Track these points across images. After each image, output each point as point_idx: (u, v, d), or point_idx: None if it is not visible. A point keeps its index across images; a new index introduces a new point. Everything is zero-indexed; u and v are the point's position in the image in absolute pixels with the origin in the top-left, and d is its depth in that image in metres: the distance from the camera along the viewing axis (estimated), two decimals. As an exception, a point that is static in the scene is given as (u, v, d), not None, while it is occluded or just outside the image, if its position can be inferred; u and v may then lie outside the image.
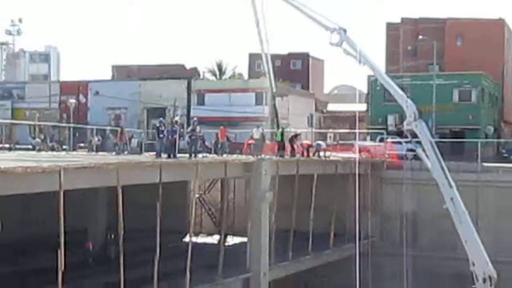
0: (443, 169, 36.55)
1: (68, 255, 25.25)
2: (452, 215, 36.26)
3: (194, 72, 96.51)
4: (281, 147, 44.09)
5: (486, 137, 62.82)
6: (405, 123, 38.47)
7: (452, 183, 36.42)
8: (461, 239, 36.25)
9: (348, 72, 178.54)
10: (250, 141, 48.22)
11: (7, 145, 53.98)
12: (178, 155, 36.29)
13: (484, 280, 35.33)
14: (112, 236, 31.93)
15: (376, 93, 62.78)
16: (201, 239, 42.56)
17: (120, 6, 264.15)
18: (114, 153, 43.79)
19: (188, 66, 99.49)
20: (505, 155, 57.69)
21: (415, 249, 44.59)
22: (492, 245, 38.73)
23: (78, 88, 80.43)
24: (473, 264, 35.73)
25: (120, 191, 27.68)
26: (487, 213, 45.01)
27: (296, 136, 47.50)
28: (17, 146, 54.00)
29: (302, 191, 41.45)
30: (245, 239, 38.51)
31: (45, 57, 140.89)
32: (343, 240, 43.92)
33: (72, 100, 74.04)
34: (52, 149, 49.89)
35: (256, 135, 46.39)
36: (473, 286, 35.77)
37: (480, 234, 36.82)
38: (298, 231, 41.06)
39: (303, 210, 41.52)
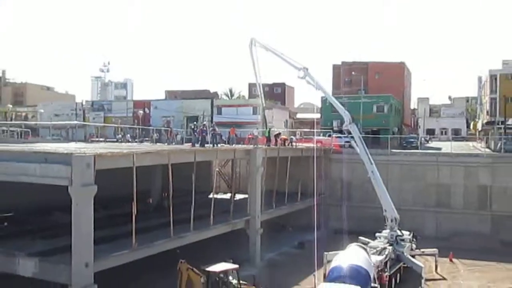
0: (366, 153, 36.71)
1: (138, 206, 25.40)
2: (372, 181, 36.44)
3: (215, 94, 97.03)
4: (268, 140, 44.19)
5: (393, 134, 62.74)
6: (343, 125, 38.64)
7: (372, 162, 36.58)
8: (378, 196, 36.45)
9: (309, 94, 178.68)
10: (249, 136, 48.33)
11: (102, 139, 53.99)
12: (205, 145, 36.34)
13: (391, 221, 35.57)
14: (165, 194, 31.94)
15: (326, 107, 62.76)
16: (219, 196, 42.54)
17: (168, 52, 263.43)
18: (166, 144, 43.75)
19: (211, 91, 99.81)
20: (404, 145, 57.88)
21: (349, 202, 44.70)
22: (396, 199, 38.85)
23: (144, 104, 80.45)
24: (385, 211, 35.96)
25: (170, 167, 27.81)
26: (393, 180, 45.13)
27: (278, 134, 47.60)
28: (107, 140, 53.91)
29: (281, 167, 41.59)
30: (246, 196, 38.61)
31: (124, 85, 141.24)
32: (306, 196, 44.06)
33: (141, 112, 74.19)
34: (128, 141, 49.90)
35: (255, 133, 46.63)
36: (385, 224, 35.98)
37: (389, 192, 37.04)
38: (278, 191, 41.22)
39: (281, 179, 41.62)
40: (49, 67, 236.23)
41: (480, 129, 78.19)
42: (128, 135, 54.59)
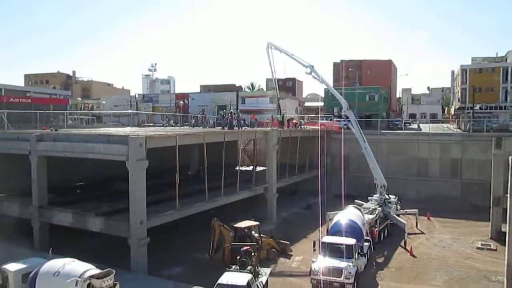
0: (361, 133, 36.42)
1: (180, 176, 25.63)
2: (365, 155, 36.18)
3: (239, 87, 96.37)
4: (282, 124, 43.98)
5: (382, 118, 61.92)
6: (342, 111, 38.35)
7: (365, 140, 36.28)
8: (370, 167, 36.21)
9: (315, 87, 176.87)
10: (267, 121, 48.17)
11: (151, 124, 54.32)
12: (232, 128, 36.35)
13: (381, 187, 35.37)
14: (201, 167, 32.15)
15: (328, 97, 62.06)
16: (243, 168, 42.70)
17: (202, 53, 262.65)
18: (201, 127, 43.90)
19: (237, 84, 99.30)
20: (391, 126, 57.16)
21: (347, 172, 44.41)
22: (385, 170, 38.49)
23: (184, 96, 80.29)
24: (375, 179, 35.72)
25: (205, 145, 27.95)
26: (382, 154, 44.73)
27: (290, 119, 47.32)
28: (155, 125, 54.24)
29: (292, 145, 41.47)
30: (265, 168, 38.70)
31: (167, 81, 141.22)
32: (312, 168, 43.98)
33: (181, 102, 74.35)
34: (172, 126, 50.13)
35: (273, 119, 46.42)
36: (376, 190, 35.79)
37: (379, 164, 36.72)
38: (290, 164, 41.15)
39: (292, 154, 41.54)
40: (109, 67, 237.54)
41: (453, 113, 77.08)
42: (172, 121, 54.81)
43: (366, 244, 26.36)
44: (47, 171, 27.38)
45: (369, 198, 35.43)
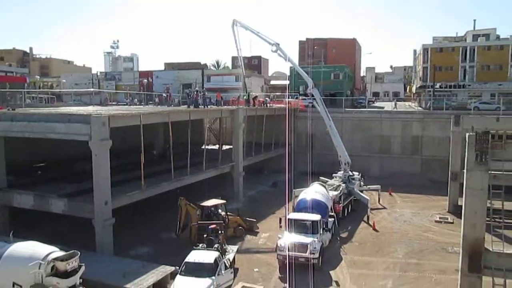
0: (325, 111, 36.82)
1: (145, 156, 25.31)
2: (330, 133, 36.67)
3: (205, 65, 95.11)
4: (248, 102, 43.86)
5: (346, 96, 62.68)
6: (308, 89, 38.59)
7: (330, 118, 36.74)
8: (334, 145, 36.79)
9: (281, 65, 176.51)
10: (233, 99, 47.97)
11: (114, 103, 53.04)
12: (198, 106, 36.00)
13: (345, 164, 36.01)
14: (167, 146, 31.84)
15: (294, 75, 62.14)
16: (210, 147, 42.52)
17: (166, 30, 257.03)
18: (166, 106, 43.24)
19: (202, 62, 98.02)
20: (355, 104, 58.04)
21: (313, 150, 45.06)
22: (349, 147, 39.15)
23: (148, 74, 78.64)
24: (340, 156, 36.32)
25: (170, 124, 27.61)
26: (346, 132, 45.43)
27: (256, 97, 47.21)
28: (119, 104, 53.02)
29: (258, 123, 41.54)
30: (231, 147, 38.69)
31: (131, 59, 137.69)
32: (278, 146, 44.31)
33: (145, 80, 72.85)
34: (136, 104, 49.11)
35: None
36: (340, 167, 36.46)
37: (343, 142, 37.33)
38: (257, 142, 41.24)
39: (259, 133, 41.64)
40: (69, 44, 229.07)
41: (414, 91, 78.82)
42: (136, 100, 53.59)
43: (331, 219, 27.01)
44: (6, 152, 26.41)
45: (333, 175, 36.10)
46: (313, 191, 27.98)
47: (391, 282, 20.79)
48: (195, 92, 37.73)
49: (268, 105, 47.99)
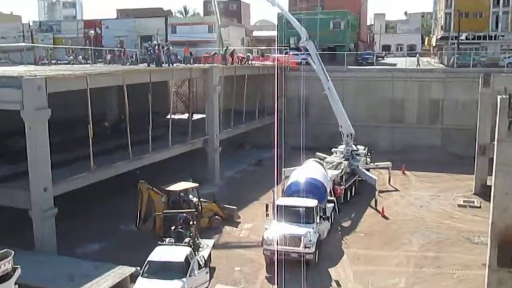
0: (323, 70, 36.89)
1: (94, 129, 25.12)
2: (329, 98, 36.84)
3: (169, 12, 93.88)
4: (224, 58, 43.56)
5: (349, 50, 62.78)
6: (300, 42, 38.44)
7: (328, 78, 36.86)
8: (334, 112, 36.99)
9: (266, 11, 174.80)
10: (205, 55, 47.56)
11: (52, 61, 52.11)
12: (160, 65, 35.64)
13: (347, 136, 36.35)
14: (122, 116, 31.60)
15: (283, 25, 61.73)
16: (177, 117, 42.30)
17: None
18: (120, 65, 42.70)
19: (165, 8, 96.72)
20: (360, 61, 58.06)
21: (306, 119, 45.13)
22: (352, 115, 39.33)
23: (95, 24, 77.30)
24: (341, 127, 36.64)
25: (125, 88, 27.34)
26: (349, 96, 45.47)
27: (233, 51, 46.87)
28: (59, 62, 52.13)
29: (238, 86, 41.42)
30: (204, 115, 38.59)
31: (72, 4, 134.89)
32: (263, 115, 44.35)
33: (92, 32, 71.58)
34: (81, 63, 48.35)
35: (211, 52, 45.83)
36: (341, 140, 36.77)
37: (345, 108, 37.61)
38: (236, 110, 41.19)
39: (239, 97, 41.54)
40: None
41: (434, 44, 79.13)
42: (80, 57, 52.64)
43: (330, 205, 27.36)
44: None
45: (333, 150, 36.41)
46: (308, 171, 28.23)
47: (403, 280, 21.27)
48: (157, 47, 37.23)
49: (250, 62, 47.74)
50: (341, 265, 22.76)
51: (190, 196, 27.34)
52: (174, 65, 37.42)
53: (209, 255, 21.83)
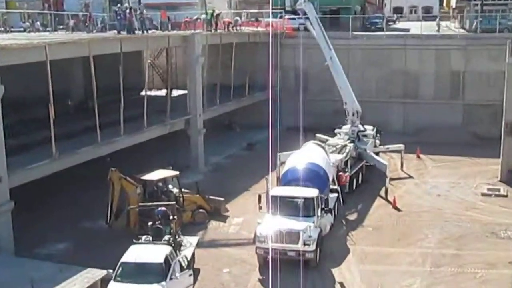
0: (324, 37, 36.76)
1: (56, 108, 24.97)
2: (331, 70, 36.77)
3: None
4: (209, 25, 43.24)
5: (355, 14, 62.48)
6: (297, 4, 38.29)
7: (331, 47, 36.74)
8: (337, 86, 36.95)
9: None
10: (186, 20, 47.20)
11: (2, 29, 51.60)
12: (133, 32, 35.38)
13: (353, 114, 36.36)
14: (89, 94, 31.47)
15: (277, -17, 61.23)
16: (153, 93, 42.17)
17: None
18: (85, 32, 42.34)
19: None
20: (368, 26, 57.88)
21: (305, 95, 45.18)
22: (359, 90, 39.47)
23: (55, -17, 76.44)
24: (345, 104, 36.63)
25: (91, 59, 27.16)
26: (355, 67, 45.49)
27: (218, 15, 46.54)
28: (12, 30, 51.62)
29: (225, 56, 41.25)
30: (185, 91, 38.48)
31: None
32: (254, 90, 44.27)
33: (51, -7, 70.73)
34: (39, 30, 47.87)
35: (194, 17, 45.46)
36: (346, 119, 36.79)
37: (350, 82, 37.59)
38: (223, 85, 41.09)
39: (226, 70, 41.41)
40: None
41: (454, 6, 78.88)
42: (38, 23, 52.10)
43: (333, 195, 27.49)
44: None
45: (336, 131, 36.43)
46: (307, 155, 28.27)
47: (418, 281, 21.40)
48: (128, 11, 36.87)
49: (238, 28, 47.48)
50: (346, 265, 22.91)
51: (170, 187, 27.35)
52: (149, 32, 37.15)
53: (193, 255, 21.89)
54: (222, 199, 29.06)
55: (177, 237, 21.55)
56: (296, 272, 20.53)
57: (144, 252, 19.72)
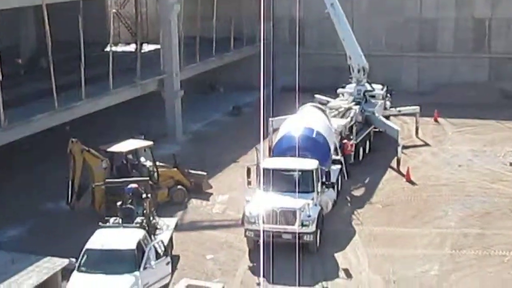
0: (323, -21, 36.46)
1: (2, 69, 24.70)
2: (332, 18, 36.52)
3: None
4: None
5: None
6: None
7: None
8: (340, 38, 36.78)
9: None
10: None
11: None
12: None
13: (358, 71, 36.28)
14: (42, 50, 31.19)
15: None
16: (119, 49, 41.84)
17: None
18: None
19: None
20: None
21: (302, 49, 44.96)
22: (365, 42, 39.34)
23: None
24: (350, 58, 36.51)
25: (45, 8, 26.82)
26: (361, 15, 45.33)
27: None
28: None
29: (205, 2, 40.89)
30: (158, 46, 38.20)
31: None
32: (241, 44, 44.03)
33: None
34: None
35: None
36: (350, 77, 36.72)
37: (355, 33, 37.37)
38: (203, 37, 40.85)
39: (206, 20, 41.11)
40: None
41: None
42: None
43: (335, 167, 27.56)
44: None
45: (339, 91, 36.36)
46: (305, 120, 28.23)
47: (436, 267, 21.49)
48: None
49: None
50: (352, 249, 23.02)
51: (142, 159, 27.26)
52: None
53: (171, 240, 21.92)
54: (204, 173, 29.11)
55: (151, 218, 21.53)
56: (293, 258, 20.57)
57: (113, 237, 19.73)
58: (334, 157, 27.99)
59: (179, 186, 27.77)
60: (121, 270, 18.59)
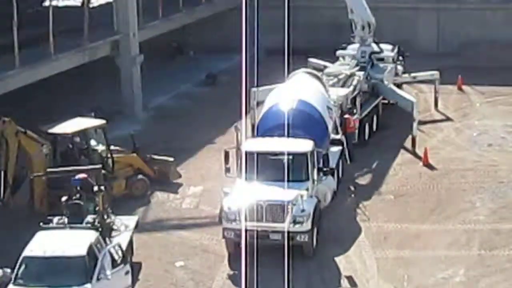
0: None
1: None
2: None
3: None
4: None
5: None
6: None
7: None
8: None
9: None
10: None
11: None
12: None
13: (363, 27, 36.13)
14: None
15: None
16: (62, 3, 41.65)
17: None
18: None
19: None
20: None
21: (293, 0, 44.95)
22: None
23: None
24: (352, 12, 36.37)
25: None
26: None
27: None
28: None
29: None
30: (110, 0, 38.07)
31: None
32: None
33: None
34: None
35: None
36: (352, 35, 36.68)
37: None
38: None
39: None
40: None
41: None
42: None
43: (335, 149, 27.66)
44: None
45: (338, 53, 36.43)
46: (296, 91, 28.28)
47: (462, 271, 21.68)
48: None
49: None
50: (357, 250, 23.21)
51: (93, 143, 27.21)
52: None
53: (130, 243, 22.01)
54: (171, 159, 29.19)
55: (105, 217, 21.55)
56: (283, 264, 20.69)
57: (58, 241, 19.70)
58: (333, 136, 28.04)
59: (139, 176, 27.84)
60: (69, 282, 18.61)
